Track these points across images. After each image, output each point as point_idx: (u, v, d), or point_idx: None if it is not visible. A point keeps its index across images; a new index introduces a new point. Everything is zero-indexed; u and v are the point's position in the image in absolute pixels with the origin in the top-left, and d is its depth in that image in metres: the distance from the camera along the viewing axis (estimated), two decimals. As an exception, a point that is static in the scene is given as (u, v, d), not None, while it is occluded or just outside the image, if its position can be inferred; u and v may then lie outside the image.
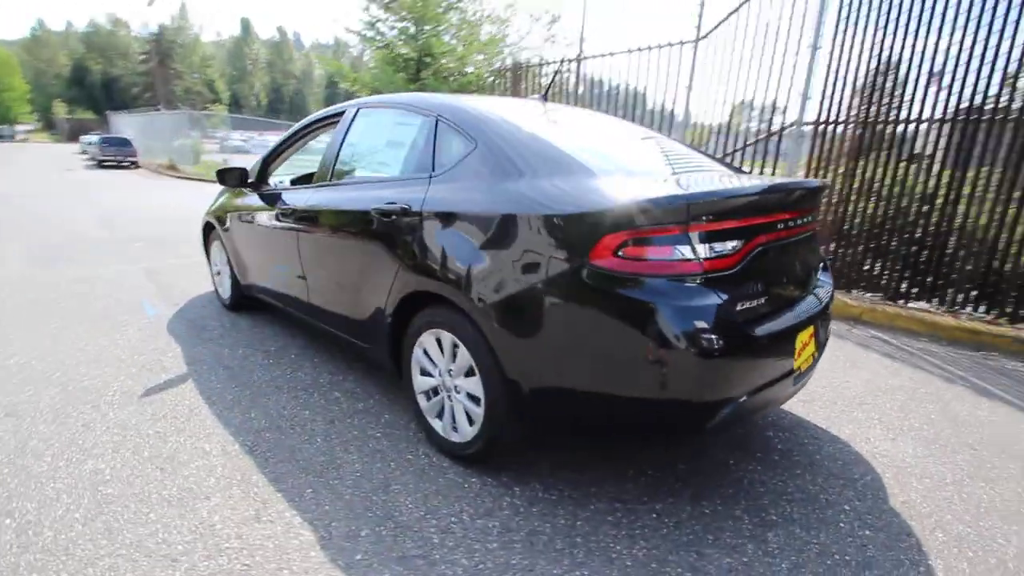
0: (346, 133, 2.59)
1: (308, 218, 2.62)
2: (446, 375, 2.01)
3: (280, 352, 3.10)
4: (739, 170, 2.58)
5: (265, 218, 3.05)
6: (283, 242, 2.86)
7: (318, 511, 1.76)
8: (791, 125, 4.85)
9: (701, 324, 1.49)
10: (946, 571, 1.58)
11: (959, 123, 3.92)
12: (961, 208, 3.95)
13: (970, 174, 3.89)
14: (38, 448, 2.08)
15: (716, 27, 5.57)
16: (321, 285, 2.63)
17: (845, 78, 4.46)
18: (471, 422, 1.94)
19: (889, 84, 4.28)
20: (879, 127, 4.34)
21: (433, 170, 2.05)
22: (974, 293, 3.93)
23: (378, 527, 1.69)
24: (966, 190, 3.93)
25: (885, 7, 4.19)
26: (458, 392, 1.97)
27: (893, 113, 4.27)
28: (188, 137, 19.06)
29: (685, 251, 1.52)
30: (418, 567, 1.54)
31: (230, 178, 3.19)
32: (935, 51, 3.97)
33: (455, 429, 2.01)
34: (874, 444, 2.26)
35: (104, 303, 3.91)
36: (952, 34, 3.91)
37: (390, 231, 2.11)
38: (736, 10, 5.28)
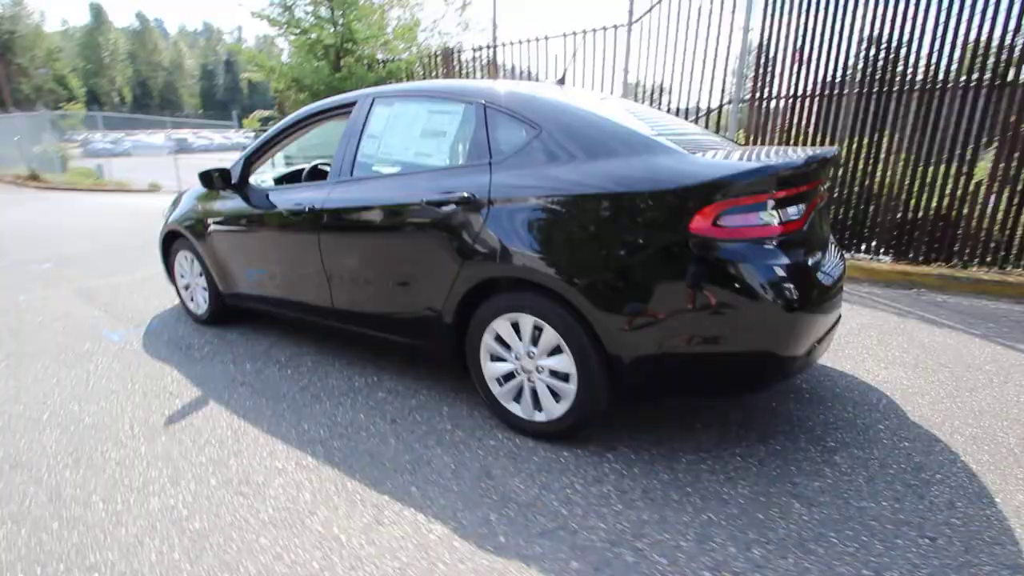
0: (364, 125, 2.49)
1: (331, 216, 2.49)
2: (525, 358, 2.05)
3: (293, 361, 2.93)
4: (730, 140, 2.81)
5: (264, 220, 2.85)
6: (295, 244, 2.70)
7: (436, 506, 1.76)
8: (729, 102, 5.29)
9: (791, 280, 1.68)
10: (976, 463, 1.92)
11: (872, 96, 4.53)
12: (878, 170, 4.58)
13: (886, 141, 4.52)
14: (79, 496, 1.86)
15: (649, 11, 5.89)
16: (351, 285, 2.53)
17: (774, 57, 4.94)
18: (557, 400, 2.02)
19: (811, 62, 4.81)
20: (803, 101, 4.88)
21: (491, 157, 2.06)
22: (892, 242, 4.60)
23: (503, 510, 1.73)
24: (880, 155, 4.56)
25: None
26: (540, 372, 2.03)
27: (815, 88, 4.82)
28: (50, 142, 16.60)
29: (769, 216, 1.69)
30: (562, 538, 1.60)
31: (215, 180, 2.94)
32: (850, 31, 4.53)
33: (539, 409, 2.07)
34: (874, 374, 2.64)
35: (50, 333, 3.44)
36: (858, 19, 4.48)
37: (449, 221, 2.10)
38: (668, -6, 5.61)
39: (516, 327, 2.05)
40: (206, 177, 2.93)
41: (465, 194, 2.04)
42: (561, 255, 1.85)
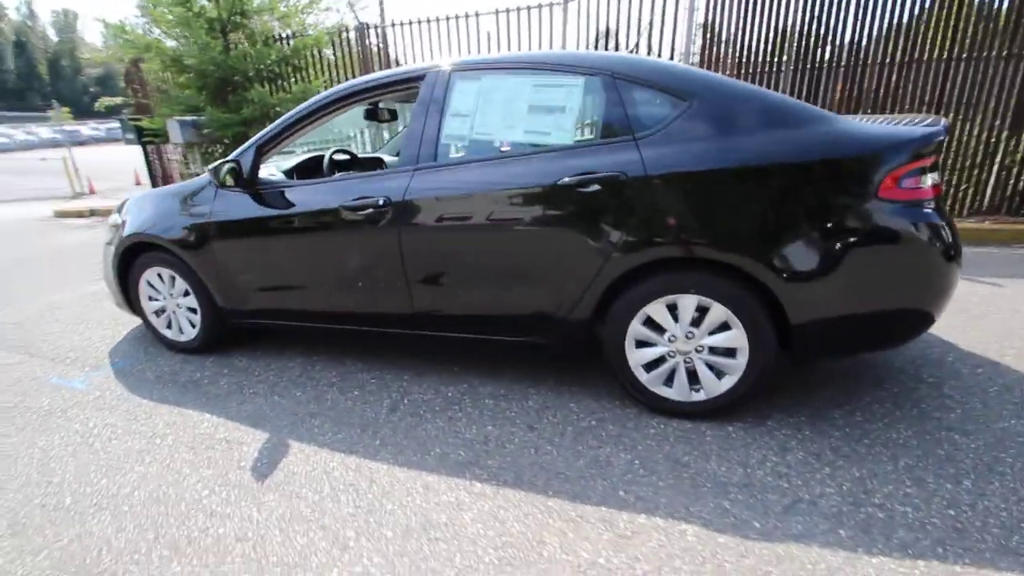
0: (444, 103, 2.19)
1: (419, 209, 2.16)
2: (682, 340, 1.99)
3: (350, 380, 2.53)
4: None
5: (304, 220, 2.39)
6: (358, 244, 2.31)
7: (661, 507, 1.64)
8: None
9: (954, 240, 1.82)
10: (1042, 377, 2.29)
11: (805, 72, 5.09)
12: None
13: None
14: (221, 589, 1.43)
15: (586, -11, 5.93)
16: (446, 285, 2.23)
17: (719, 37, 5.31)
18: (719, 377, 1.99)
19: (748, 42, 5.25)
20: (746, 77, 5.33)
21: (635, 132, 1.93)
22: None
23: (729, 496, 1.67)
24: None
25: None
26: (700, 352, 1.99)
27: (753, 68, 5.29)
28: None
29: (925, 179, 1.81)
30: (807, 510, 1.60)
31: (231, 175, 2.39)
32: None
33: (697, 390, 2.03)
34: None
35: (-26, 393, 2.58)
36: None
37: (589, 204, 1.93)
38: (607, -27, 5.71)
39: (674, 309, 1.97)
40: (220, 171, 2.37)
41: (615, 173, 1.89)
42: (745, 229, 1.80)
